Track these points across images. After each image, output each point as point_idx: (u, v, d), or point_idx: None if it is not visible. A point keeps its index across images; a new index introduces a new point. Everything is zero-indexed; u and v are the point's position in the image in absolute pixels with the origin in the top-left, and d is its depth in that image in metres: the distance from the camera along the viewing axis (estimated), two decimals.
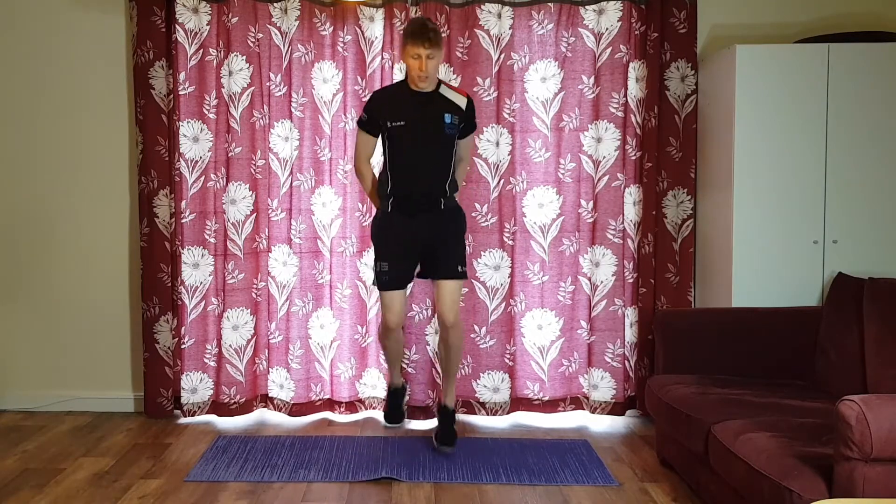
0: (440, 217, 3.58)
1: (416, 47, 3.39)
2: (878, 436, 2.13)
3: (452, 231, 3.63)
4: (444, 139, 3.52)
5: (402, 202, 3.55)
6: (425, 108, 3.51)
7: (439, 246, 3.59)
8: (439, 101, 3.54)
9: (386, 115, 3.52)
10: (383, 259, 3.61)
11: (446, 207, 3.58)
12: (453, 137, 3.56)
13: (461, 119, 3.56)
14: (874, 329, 3.13)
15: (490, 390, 4.15)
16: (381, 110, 3.54)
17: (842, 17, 4.13)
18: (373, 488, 3.26)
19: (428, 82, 3.48)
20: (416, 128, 3.50)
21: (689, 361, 3.54)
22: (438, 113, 3.51)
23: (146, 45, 4.04)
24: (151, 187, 4.10)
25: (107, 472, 3.41)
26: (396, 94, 3.58)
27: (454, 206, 3.66)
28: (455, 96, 3.58)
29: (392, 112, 3.51)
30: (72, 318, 4.27)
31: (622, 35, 4.05)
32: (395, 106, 3.53)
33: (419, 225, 3.56)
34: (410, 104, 3.51)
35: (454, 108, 3.54)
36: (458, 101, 3.57)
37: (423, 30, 3.40)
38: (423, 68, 3.40)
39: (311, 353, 4.18)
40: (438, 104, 3.53)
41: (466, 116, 3.59)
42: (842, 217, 3.68)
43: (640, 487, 3.27)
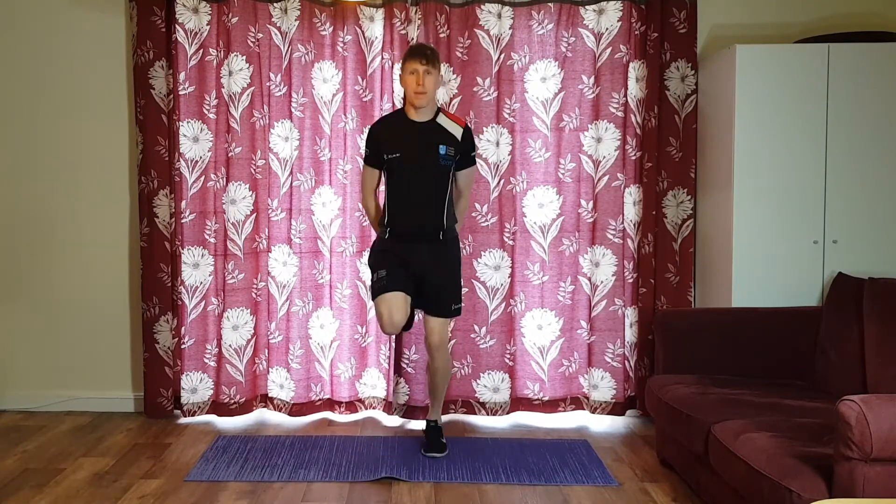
0: (436, 250, 3.54)
1: (413, 63, 3.43)
2: (878, 436, 2.13)
3: (447, 267, 3.59)
4: (438, 170, 3.50)
5: (399, 231, 3.54)
6: (420, 140, 3.50)
7: (432, 281, 3.54)
8: (435, 131, 3.52)
9: (384, 148, 3.52)
10: (381, 268, 3.53)
11: (445, 239, 3.56)
12: (448, 169, 3.53)
13: (457, 150, 3.52)
14: (874, 329, 3.13)
15: (490, 390, 4.15)
16: (380, 142, 3.54)
17: (842, 17, 4.13)
18: (373, 488, 3.26)
19: (425, 100, 3.45)
20: (411, 159, 3.49)
21: (689, 361, 3.54)
22: (433, 144, 3.49)
23: (146, 45, 4.04)
24: (151, 187, 4.10)
25: (107, 472, 3.41)
26: (393, 125, 3.57)
27: (452, 238, 3.62)
28: (452, 126, 3.55)
29: (389, 144, 3.51)
30: (72, 318, 4.27)
31: (622, 35, 4.05)
32: (392, 137, 3.53)
33: (416, 252, 3.52)
34: (406, 135, 3.51)
35: (449, 139, 3.52)
36: (454, 130, 3.54)
37: (421, 47, 3.53)
38: (420, 82, 3.41)
39: (311, 353, 4.18)
40: (433, 135, 3.51)
41: (462, 148, 3.54)
42: (842, 217, 3.68)
43: (640, 487, 3.27)
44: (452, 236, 3.62)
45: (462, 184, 3.65)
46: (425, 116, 3.53)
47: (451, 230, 3.61)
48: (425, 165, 3.50)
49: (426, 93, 3.44)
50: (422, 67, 3.42)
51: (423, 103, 3.47)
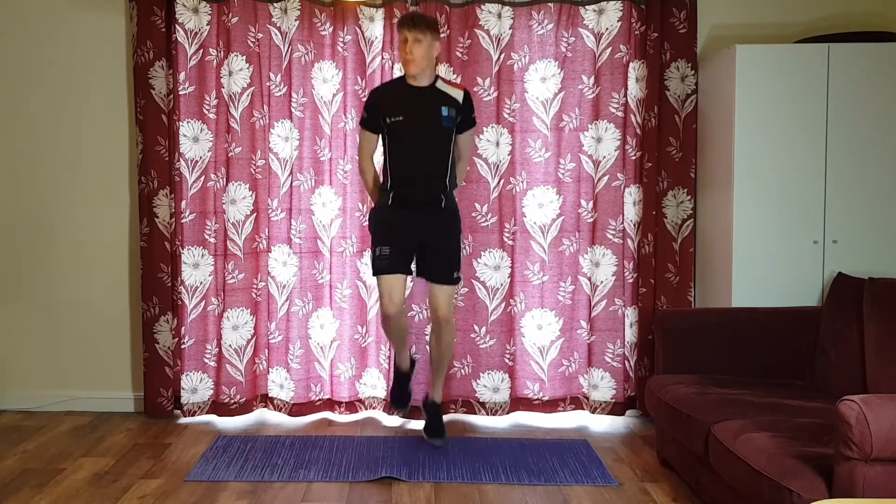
0: (439, 216, 3.58)
1: (402, 31, 3.48)
2: (878, 436, 2.13)
3: (449, 234, 3.63)
4: (441, 132, 3.53)
5: (402, 197, 3.55)
6: (422, 103, 3.53)
7: (436, 248, 3.59)
8: (436, 95, 3.55)
9: (384, 112, 3.54)
10: (382, 244, 3.57)
11: (446, 206, 3.58)
12: (451, 131, 3.56)
13: (458, 112, 3.56)
14: (874, 329, 3.13)
15: (490, 390, 4.15)
16: (380, 107, 3.56)
17: (842, 17, 4.13)
18: (373, 488, 3.26)
19: (416, 67, 3.47)
20: (414, 122, 3.51)
21: (689, 361, 3.54)
22: (436, 106, 3.52)
23: (146, 45, 4.04)
24: (151, 187, 4.10)
25: (107, 472, 3.41)
26: (394, 90, 3.61)
27: (453, 206, 3.65)
28: (452, 90, 3.59)
29: (390, 108, 3.53)
30: (72, 318, 4.27)
31: (622, 35, 4.05)
32: (393, 101, 3.55)
33: (418, 220, 3.55)
34: (408, 99, 3.53)
35: (451, 102, 3.55)
36: (454, 94, 3.58)
37: (410, 14, 3.54)
38: (408, 51, 3.44)
39: (311, 353, 4.18)
40: (435, 98, 3.54)
41: (464, 109, 3.58)
42: (842, 217, 3.68)
43: (640, 487, 3.27)
44: (452, 204, 3.65)
45: (462, 146, 3.67)
46: (424, 82, 3.55)
47: (452, 196, 3.64)
48: (429, 128, 3.51)
49: (415, 60, 3.45)
50: (410, 35, 3.45)
51: (414, 71, 3.49)
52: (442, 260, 3.61)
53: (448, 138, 3.55)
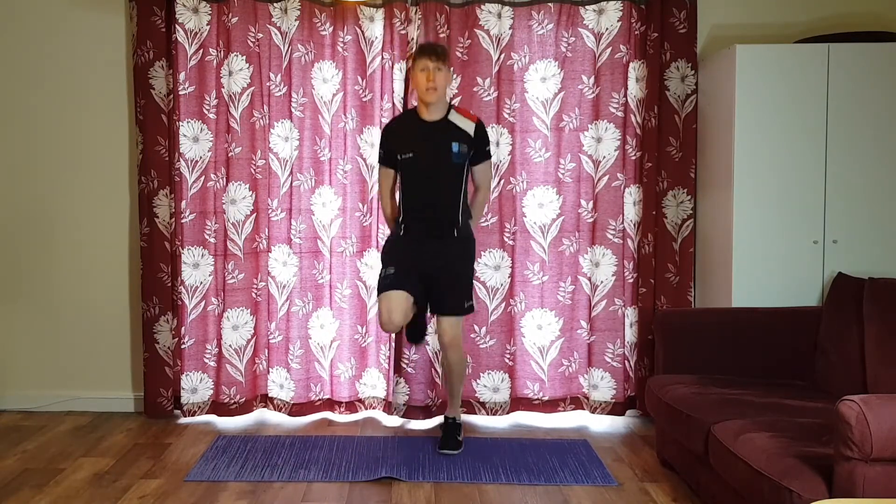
0: (452, 245, 3.57)
1: (423, 60, 3.48)
2: (878, 436, 2.13)
3: (461, 265, 3.61)
4: (452, 168, 3.54)
5: (413, 230, 3.56)
6: (433, 139, 3.54)
7: (445, 279, 3.56)
8: (447, 129, 3.55)
9: (396, 149, 3.57)
10: (389, 265, 3.58)
11: (460, 236, 3.59)
12: (462, 166, 3.56)
13: (469, 146, 3.56)
14: (874, 329, 3.13)
15: (490, 390, 4.15)
16: (393, 143, 3.59)
17: (842, 17, 4.13)
18: (373, 488, 3.26)
19: (436, 96, 3.49)
20: (424, 159, 3.53)
21: (689, 361, 3.54)
22: (446, 143, 3.53)
23: (146, 45, 4.04)
24: (151, 187, 4.10)
25: (107, 472, 3.41)
26: (406, 126, 3.63)
27: (467, 235, 3.64)
28: (463, 122, 3.58)
29: (402, 144, 3.56)
30: (72, 318, 4.27)
31: (622, 35, 4.05)
32: (404, 138, 3.58)
33: (428, 250, 3.55)
34: (419, 135, 3.55)
35: (462, 136, 3.55)
36: (466, 126, 3.57)
37: (431, 44, 3.60)
38: (431, 78, 3.45)
39: (311, 353, 4.18)
40: (446, 133, 3.54)
41: (476, 143, 3.58)
42: (842, 217, 3.68)
43: (640, 487, 3.27)
44: (467, 234, 3.63)
45: (479, 178, 3.67)
46: (437, 114, 3.56)
47: (466, 227, 3.62)
48: (438, 164, 3.53)
49: (437, 89, 3.48)
50: (432, 64, 3.47)
51: (434, 100, 3.50)
52: (449, 291, 3.57)
53: (459, 173, 3.56)
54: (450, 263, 3.58)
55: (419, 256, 3.55)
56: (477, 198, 3.72)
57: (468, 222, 3.65)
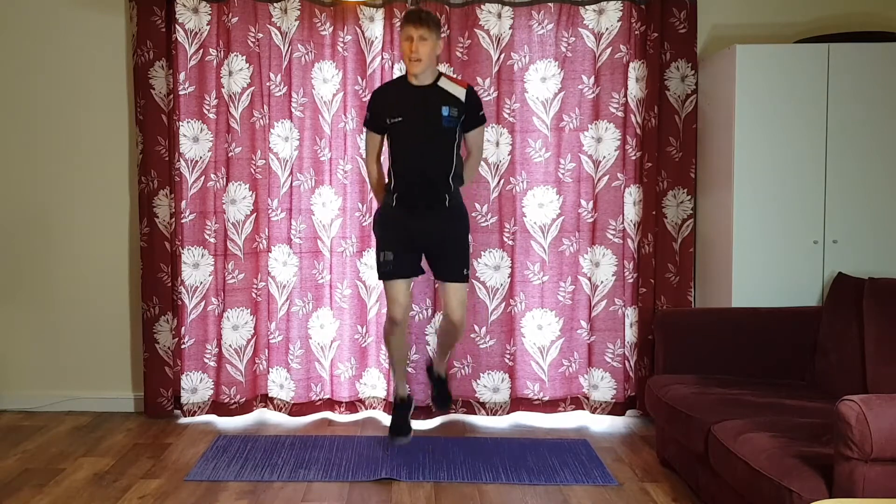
0: (444, 215, 3.53)
1: (407, 29, 3.40)
2: (878, 436, 2.13)
3: (457, 232, 3.58)
4: (442, 133, 3.47)
5: (404, 198, 3.51)
6: (423, 103, 3.48)
7: (443, 247, 3.55)
8: (437, 94, 3.49)
9: (385, 112, 3.51)
10: (387, 248, 3.54)
11: (451, 205, 3.53)
12: (453, 130, 3.50)
13: (461, 111, 3.49)
14: (874, 329, 3.13)
15: (490, 390, 4.15)
16: (382, 108, 3.53)
17: (842, 17, 4.13)
18: (373, 488, 3.26)
19: (421, 66, 3.41)
20: (414, 123, 3.47)
21: (689, 361, 3.54)
22: (436, 107, 3.46)
23: (146, 45, 4.04)
24: (151, 187, 4.10)
25: (107, 472, 3.41)
26: (395, 90, 3.56)
27: (458, 203, 3.59)
28: (454, 88, 3.51)
29: (391, 109, 3.50)
30: (72, 318, 4.27)
31: (622, 35, 4.05)
32: (393, 102, 3.51)
33: (423, 221, 3.51)
34: (408, 99, 3.49)
35: (453, 101, 3.48)
36: (457, 92, 3.50)
37: (415, 11, 3.47)
38: (414, 49, 3.38)
39: (311, 353, 4.18)
40: (436, 97, 3.48)
41: (468, 107, 3.51)
42: (842, 217, 3.68)
43: (640, 487, 3.27)
44: (458, 202, 3.58)
45: (472, 143, 3.62)
46: (426, 80, 3.49)
47: (457, 195, 3.57)
48: (428, 128, 3.46)
49: (421, 60, 3.39)
50: (416, 33, 3.37)
51: (418, 71, 3.42)
52: (451, 258, 3.55)
53: (450, 138, 3.50)
54: (443, 234, 3.53)
55: (413, 231, 3.50)
56: (469, 161, 3.65)
57: (458, 191, 3.58)
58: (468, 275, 3.62)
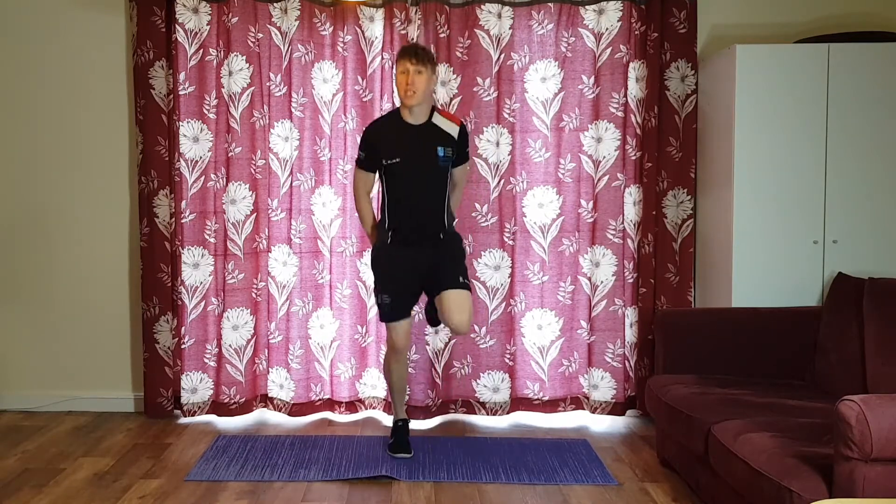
0: (439, 247, 3.55)
1: (403, 63, 3.42)
2: (878, 436, 2.13)
3: (451, 254, 3.58)
4: (438, 172, 3.50)
5: (401, 235, 3.52)
6: (418, 143, 3.48)
7: (442, 263, 3.54)
8: (431, 132, 3.50)
9: (382, 154, 3.49)
10: (385, 292, 3.55)
11: (446, 237, 3.57)
12: (447, 170, 3.53)
13: (454, 150, 3.52)
14: (874, 329, 3.13)
15: (490, 390, 4.15)
16: (378, 148, 3.50)
17: (842, 17, 4.13)
18: (373, 488, 3.26)
19: (416, 99, 3.42)
20: (412, 164, 3.47)
21: (689, 361, 3.54)
22: (432, 147, 3.47)
23: (146, 45, 4.04)
24: (151, 187, 4.10)
25: (107, 472, 3.41)
26: (389, 129, 3.53)
27: (453, 232, 3.63)
28: (447, 125, 3.53)
29: (387, 149, 3.48)
30: (72, 318, 4.27)
31: (622, 35, 4.05)
32: (389, 142, 3.49)
33: (419, 255, 3.52)
34: (404, 139, 3.48)
35: (446, 140, 3.50)
36: (450, 130, 3.52)
37: (412, 46, 3.53)
38: (409, 82, 3.39)
39: (311, 353, 4.18)
40: (431, 137, 3.49)
41: (458, 145, 3.54)
42: (842, 217, 3.68)
43: (640, 487, 3.27)
44: (452, 232, 3.63)
45: (457, 178, 3.65)
46: (420, 117, 3.50)
47: (451, 228, 3.62)
48: (425, 169, 3.48)
49: (416, 93, 3.41)
50: (412, 67, 3.39)
51: (413, 103, 3.44)
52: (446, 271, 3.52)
53: (444, 176, 3.52)
54: (440, 256, 3.54)
55: (410, 264, 3.51)
56: (454, 193, 3.66)
57: (453, 224, 3.63)
58: (466, 283, 3.53)
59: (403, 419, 3.74)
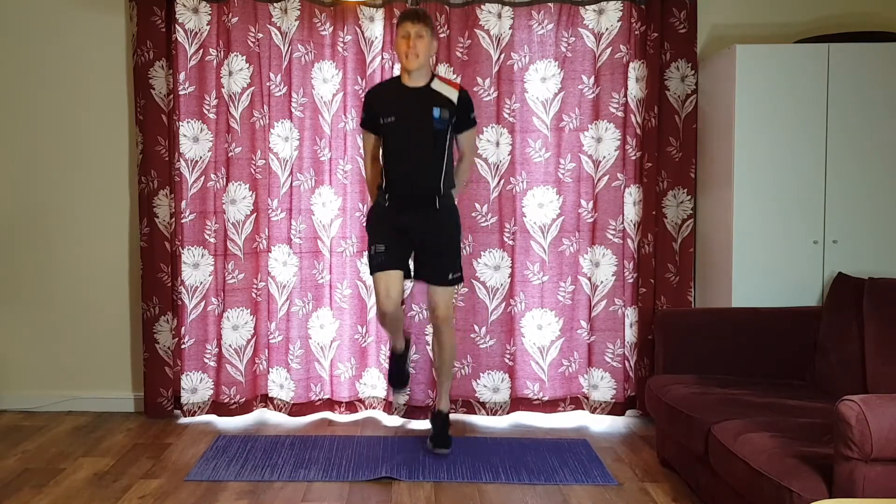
0: (435, 215, 3.54)
1: (404, 26, 3.45)
2: (878, 436, 2.13)
3: (447, 233, 3.59)
4: (433, 134, 3.48)
5: (396, 197, 3.53)
6: (414, 103, 3.50)
7: (432, 248, 3.56)
8: (429, 95, 3.51)
9: (379, 112, 3.54)
10: (378, 241, 3.54)
11: (442, 206, 3.54)
12: (444, 132, 3.50)
13: (452, 113, 3.50)
14: (874, 329, 3.13)
15: (490, 390, 4.15)
16: (375, 107, 3.56)
17: (842, 17, 4.13)
18: (373, 488, 3.26)
19: (417, 63, 3.45)
20: (406, 123, 3.49)
21: (689, 361, 3.54)
22: (427, 107, 3.48)
23: (146, 45, 4.04)
24: (151, 187, 4.10)
25: (107, 472, 3.41)
26: (388, 90, 3.60)
27: (450, 204, 3.60)
28: (447, 89, 3.54)
29: (383, 108, 3.52)
30: (72, 318, 4.27)
31: (622, 35, 4.05)
32: (386, 102, 3.54)
33: (414, 219, 3.52)
34: (400, 100, 3.51)
35: (444, 102, 3.50)
36: (449, 94, 3.52)
37: (412, 10, 3.53)
38: (411, 45, 3.42)
39: (311, 353, 4.18)
40: (428, 98, 3.50)
41: (459, 110, 3.53)
42: (842, 217, 3.68)
43: (640, 487, 3.27)
44: (449, 203, 3.59)
45: (464, 146, 3.63)
46: (419, 81, 3.52)
47: (448, 196, 3.58)
48: (419, 129, 3.48)
49: (418, 55, 3.43)
50: (413, 29, 3.42)
51: (415, 66, 3.46)
52: (438, 261, 3.57)
53: (441, 139, 3.50)
54: (434, 234, 3.55)
55: (404, 227, 3.52)
56: (461, 164, 3.67)
57: (451, 192, 3.61)
58: (457, 278, 3.61)
59: (399, 349, 3.75)
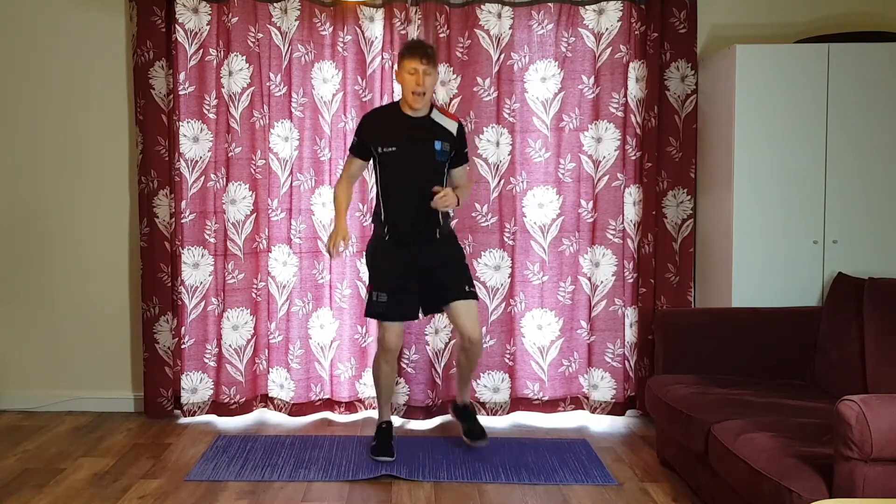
0: (436, 244, 3.53)
1: (413, 62, 3.38)
2: (878, 436, 2.13)
3: (451, 256, 3.57)
4: (435, 166, 3.48)
5: (397, 229, 3.50)
6: (416, 134, 3.47)
7: (440, 272, 3.52)
8: (430, 126, 3.49)
9: (377, 141, 3.48)
10: (380, 289, 3.51)
11: (441, 235, 3.54)
12: (444, 165, 3.50)
13: (451, 146, 3.50)
14: (874, 329, 3.13)
15: (490, 390, 4.15)
16: (373, 136, 3.49)
17: (842, 17, 4.13)
18: (373, 488, 3.26)
19: (423, 101, 3.42)
20: (408, 154, 3.45)
21: (689, 361, 3.54)
22: (429, 139, 3.46)
23: (146, 45, 4.04)
24: (151, 187, 4.10)
25: (107, 472, 3.41)
26: (388, 119, 3.52)
27: (449, 232, 3.61)
28: (446, 121, 3.53)
29: (383, 137, 3.47)
30: (72, 318, 4.27)
31: (622, 35, 4.05)
32: (386, 131, 3.48)
33: (416, 253, 3.51)
34: (402, 129, 3.47)
35: (445, 135, 3.49)
36: (448, 126, 3.52)
37: (421, 45, 3.47)
38: (420, 82, 3.36)
39: (311, 353, 4.18)
40: (429, 130, 3.48)
41: (457, 143, 3.52)
42: (842, 217, 3.68)
43: (640, 487, 3.27)
44: (447, 231, 3.60)
45: (458, 180, 3.61)
46: (420, 112, 3.50)
47: (447, 226, 3.60)
48: (421, 160, 3.46)
49: (425, 93, 3.41)
50: (422, 67, 3.37)
51: (420, 105, 3.44)
52: (450, 277, 3.52)
53: (441, 171, 3.51)
54: (440, 260, 3.53)
55: (407, 261, 3.50)
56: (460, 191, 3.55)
57: (449, 222, 3.61)
58: (472, 292, 3.57)
59: (387, 421, 3.71)
